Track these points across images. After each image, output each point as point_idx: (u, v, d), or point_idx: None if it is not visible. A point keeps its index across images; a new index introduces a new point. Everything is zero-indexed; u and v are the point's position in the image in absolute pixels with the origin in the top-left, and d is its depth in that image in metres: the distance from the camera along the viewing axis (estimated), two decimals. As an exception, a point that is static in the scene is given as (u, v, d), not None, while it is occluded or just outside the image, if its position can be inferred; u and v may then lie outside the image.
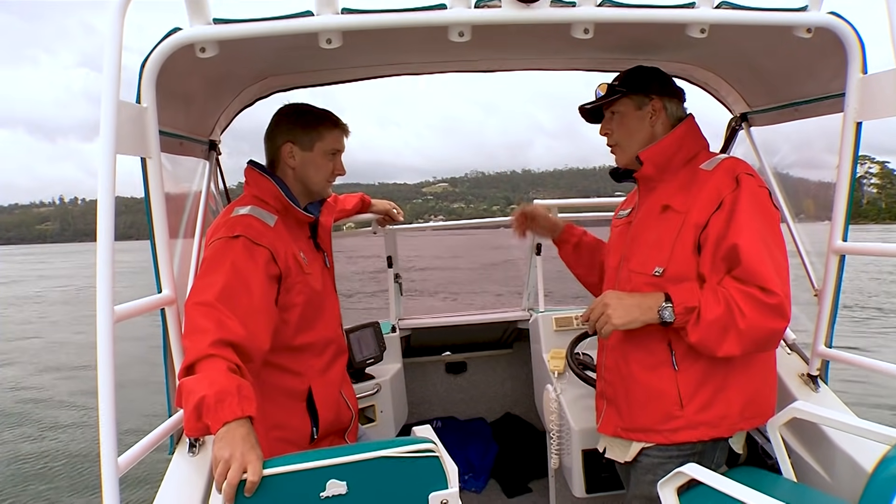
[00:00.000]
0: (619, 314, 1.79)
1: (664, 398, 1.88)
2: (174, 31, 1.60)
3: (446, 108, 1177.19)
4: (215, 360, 1.60)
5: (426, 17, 1.62)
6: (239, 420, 1.49)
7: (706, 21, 1.69)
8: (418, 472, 1.52)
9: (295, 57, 2.18)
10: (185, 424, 1.54)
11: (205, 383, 1.53)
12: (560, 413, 2.71)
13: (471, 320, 3.93)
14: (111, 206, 1.42)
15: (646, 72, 2.07)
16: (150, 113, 1.65)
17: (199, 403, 1.49)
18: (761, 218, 1.79)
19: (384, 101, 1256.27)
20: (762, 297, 1.68)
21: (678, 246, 1.87)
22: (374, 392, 3.12)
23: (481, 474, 3.82)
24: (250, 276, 1.81)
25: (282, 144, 2.07)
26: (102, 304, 1.40)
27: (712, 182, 1.87)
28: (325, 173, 2.13)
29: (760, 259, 1.72)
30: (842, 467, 1.88)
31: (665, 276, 1.88)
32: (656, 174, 2.03)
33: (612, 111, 2.10)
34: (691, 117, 2.07)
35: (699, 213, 1.84)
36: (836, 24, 1.74)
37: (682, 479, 1.65)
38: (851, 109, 1.85)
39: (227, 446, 1.44)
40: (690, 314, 1.73)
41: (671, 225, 1.92)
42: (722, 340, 1.71)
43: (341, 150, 2.16)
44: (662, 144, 2.01)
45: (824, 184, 2.19)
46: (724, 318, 1.69)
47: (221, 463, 1.42)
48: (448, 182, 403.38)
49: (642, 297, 1.82)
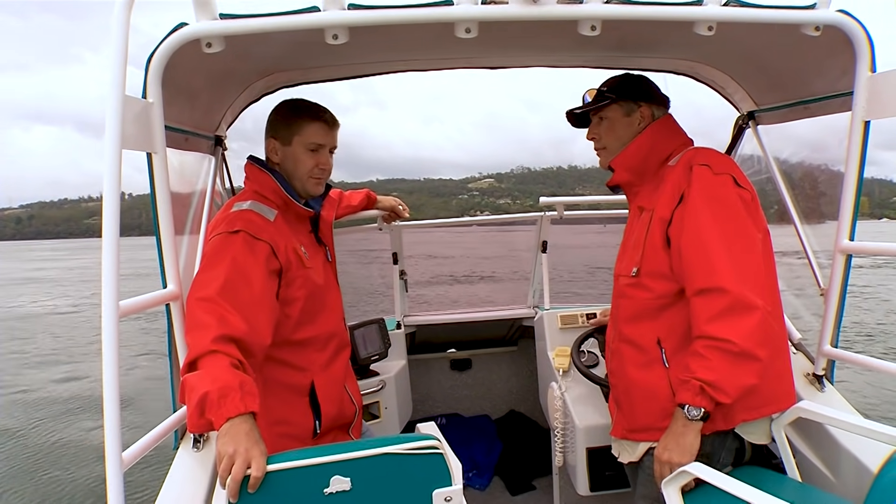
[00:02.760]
0: (676, 455, 1.75)
1: (659, 396, 1.89)
2: (180, 26, 1.60)
3: (489, 104, 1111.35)
4: (217, 356, 1.60)
5: (433, 14, 1.61)
6: (242, 416, 1.50)
7: (714, 18, 1.68)
8: (422, 468, 1.52)
9: (301, 53, 2.18)
10: (189, 421, 1.54)
11: (207, 379, 1.53)
12: (564, 411, 2.71)
13: (476, 317, 3.93)
14: (116, 202, 1.42)
15: (635, 79, 2.10)
16: (156, 108, 1.65)
17: (202, 400, 1.49)
18: (710, 209, 1.77)
19: (427, 98, 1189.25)
20: (719, 346, 1.67)
21: (648, 243, 1.91)
22: (378, 388, 3.12)
23: (485, 472, 3.83)
24: (251, 270, 1.82)
25: (266, 139, 2.07)
26: (107, 299, 1.40)
27: (673, 176, 1.89)
28: (306, 168, 2.08)
29: (704, 258, 1.73)
30: (847, 468, 1.87)
31: (640, 274, 1.92)
32: (634, 178, 2.07)
33: (600, 116, 2.12)
34: (665, 117, 2.08)
35: (663, 207, 1.87)
36: (844, 22, 1.73)
37: (685, 479, 1.65)
38: (860, 108, 1.84)
39: (230, 442, 1.44)
40: (704, 393, 1.69)
41: (643, 224, 1.96)
42: (738, 372, 1.68)
43: (326, 144, 2.10)
44: (629, 149, 2.04)
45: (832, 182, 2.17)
46: (720, 365, 1.68)
47: (225, 459, 1.42)
48: (493, 178, 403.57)
49: (668, 433, 1.80)
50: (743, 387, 1.69)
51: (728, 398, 1.68)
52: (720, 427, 1.81)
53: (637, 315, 1.96)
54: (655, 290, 1.90)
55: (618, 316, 2.06)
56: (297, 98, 2.14)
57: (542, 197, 3.46)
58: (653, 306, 1.91)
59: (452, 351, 4.21)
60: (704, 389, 1.68)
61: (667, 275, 1.87)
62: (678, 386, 1.76)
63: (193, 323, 1.69)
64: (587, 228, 16.37)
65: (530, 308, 3.85)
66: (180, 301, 1.84)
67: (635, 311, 1.97)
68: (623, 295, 2.02)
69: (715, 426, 1.80)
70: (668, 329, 1.89)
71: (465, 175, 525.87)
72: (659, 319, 1.91)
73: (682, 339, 1.86)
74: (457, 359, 4.24)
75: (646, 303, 1.92)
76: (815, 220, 2.38)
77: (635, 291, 1.96)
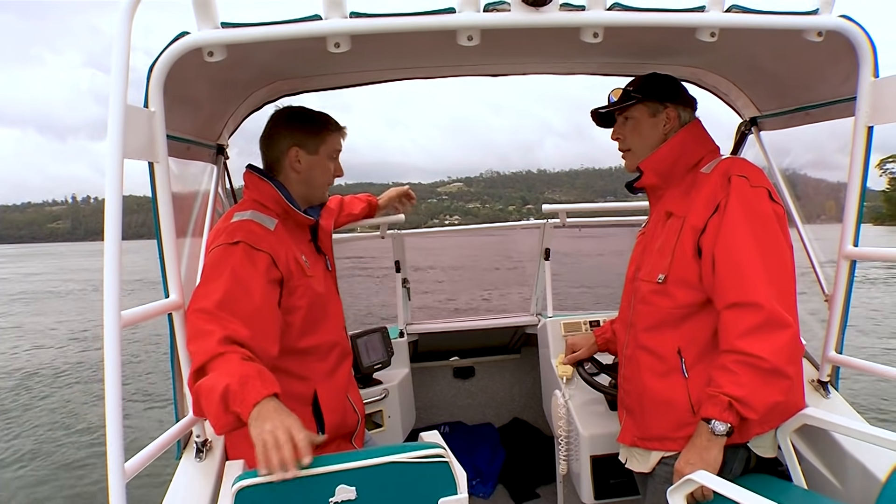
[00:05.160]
0: (699, 469, 1.68)
1: (676, 406, 1.87)
2: (182, 35, 1.60)
3: (454, 108, 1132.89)
4: (226, 356, 1.60)
5: (435, 21, 1.61)
6: (266, 398, 1.51)
7: (716, 25, 1.67)
8: (427, 477, 1.51)
9: (303, 61, 2.18)
10: (215, 423, 1.55)
11: (224, 376, 1.54)
12: (568, 419, 2.70)
13: (479, 325, 3.92)
14: (118, 211, 1.42)
15: (661, 79, 2.07)
16: (158, 117, 1.65)
17: (223, 394, 1.50)
18: (748, 223, 1.76)
19: (393, 102, 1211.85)
20: (750, 361, 1.65)
21: (678, 251, 1.88)
22: (381, 397, 3.11)
23: (489, 480, 3.81)
24: (251, 281, 1.81)
25: (287, 149, 2.07)
26: (109, 309, 1.39)
27: (709, 185, 1.87)
28: (328, 176, 2.16)
29: (739, 272, 1.71)
30: (854, 475, 1.86)
31: (668, 281, 1.89)
32: (661, 182, 2.04)
33: (625, 116, 2.10)
34: (694, 122, 2.06)
35: (696, 216, 1.85)
36: (847, 28, 1.73)
37: (691, 487, 1.64)
38: (863, 113, 1.83)
39: (264, 420, 1.46)
40: (732, 408, 1.68)
41: (672, 230, 1.93)
42: (767, 390, 1.67)
43: (341, 150, 2.20)
44: (661, 152, 2.01)
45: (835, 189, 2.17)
46: (750, 381, 1.66)
47: (265, 435, 1.44)
48: (463, 182, 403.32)
49: (691, 446, 1.77)
50: (770, 404, 1.68)
51: (756, 414, 1.67)
52: (735, 440, 1.80)
53: (659, 323, 1.94)
54: (679, 300, 1.87)
55: (636, 322, 2.03)
56: (303, 108, 2.15)
57: (545, 205, 3.45)
58: (675, 315, 1.89)
59: (455, 359, 4.20)
60: (733, 405, 1.66)
61: (693, 284, 1.84)
62: (705, 400, 1.74)
63: (194, 333, 1.69)
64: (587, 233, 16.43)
65: (533, 315, 3.84)
66: (183, 311, 1.83)
67: (657, 320, 1.94)
68: (645, 301, 1.99)
69: (731, 439, 1.78)
70: (689, 339, 1.87)
71: (433, 179, 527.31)
72: (680, 329, 1.89)
73: (703, 349, 1.85)
74: (460, 367, 4.23)
75: (668, 311, 1.90)
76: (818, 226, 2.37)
77: (659, 299, 1.93)
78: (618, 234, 3.96)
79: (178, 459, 1.94)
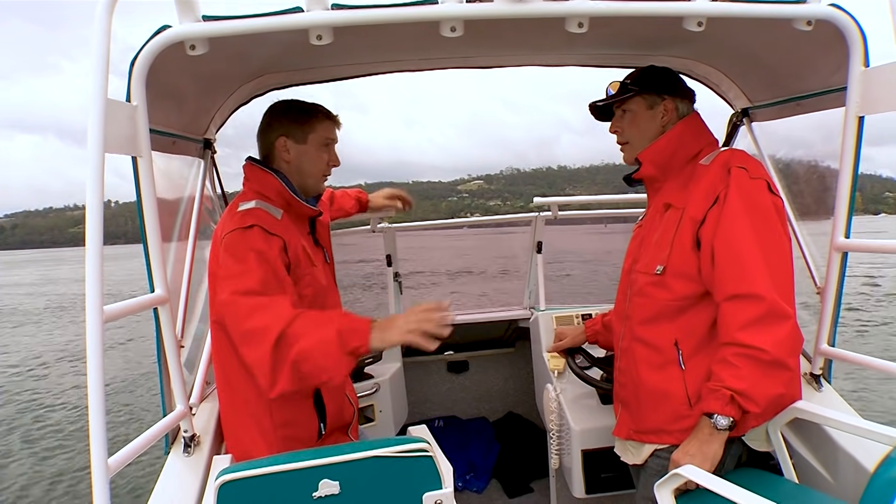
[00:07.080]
0: (698, 462, 1.68)
1: (672, 398, 1.86)
2: (163, 28, 1.58)
3: (470, 106, 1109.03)
4: (304, 315, 1.69)
5: (417, 13, 1.60)
6: (371, 321, 1.67)
7: (703, 14, 1.66)
8: (412, 472, 1.50)
9: (289, 55, 2.17)
10: (336, 369, 1.64)
11: (320, 327, 1.64)
12: (560, 413, 2.69)
13: (473, 319, 3.91)
14: (100, 206, 1.41)
15: (659, 72, 2.06)
16: (141, 111, 1.64)
17: (339, 338, 1.62)
18: (748, 215, 1.74)
19: (408, 102, 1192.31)
20: (751, 354, 1.64)
21: (677, 242, 1.86)
22: (372, 391, 3.11)
23: (483, 474, 3.81)
24: (275, 261, 1.84)
25: (276, 139, 2.05)
26: (91, 303, 1.38)
27: (708, 176, 1.85)
28: (321, 165, 2.12)
29: (739, 263, 1.70)
30: (844, 467, 1.85)
31: (666, 273, 1.87)
32: (659, 174, 2.02)
33: (623, 109, 2.08)
34: (693, 115, 2.04)
35: (696, 207, 1.83)
36: (836, 16, 1.71)
37: (678, 481, 1.63)
38: (853, 103, 1.81)
39: (392, 324, 1.66)
40: (734, 402, 1.66)
41: (671, 222, 1.91)
42: (769, 382, 1.65)
43: (335, 140, 2.15)
44: (659, 144, 2.00)
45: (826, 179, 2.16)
46: (751, 373, 1.65)
47: (412, 324, 1.64)
48: (483, 179, 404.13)
49: (692, 439, 1.75)
50: (772, 396, 1.67)
51: (758, 408, 1.65)
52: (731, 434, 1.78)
53: (655, 315, 1.92)
54: (677, 291, 1.86)
55: (632, 315, 2.02)
56: (294, 99, 2.13)
57: (536, 197, 3.44)
58: (673, 307, 1.87)
59: (449, 353, 4.19)
60: (734, 399, 1.65)
61: (692, 276, 1.82)
62: (706, 395, 1.72)
63: (251, 308, 1.72)
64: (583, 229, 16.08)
65: (526, 309, 3.83)
66: (169, 305, 1.82)
67: (654, 312, 1.92)
68: (642, 293, 1.97)
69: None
70: (686, 331, 1.86)
71: (453, 177, 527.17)
72: (677, 321, 1.87)
73: (700, 341, 1.84)
74: (454, 361, 4.23)
75: (666, 303, 1.88)
76: (809, 218, 2.36)
77: (657, 291, 1.91)
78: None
79: (166, 454, 1.94)
